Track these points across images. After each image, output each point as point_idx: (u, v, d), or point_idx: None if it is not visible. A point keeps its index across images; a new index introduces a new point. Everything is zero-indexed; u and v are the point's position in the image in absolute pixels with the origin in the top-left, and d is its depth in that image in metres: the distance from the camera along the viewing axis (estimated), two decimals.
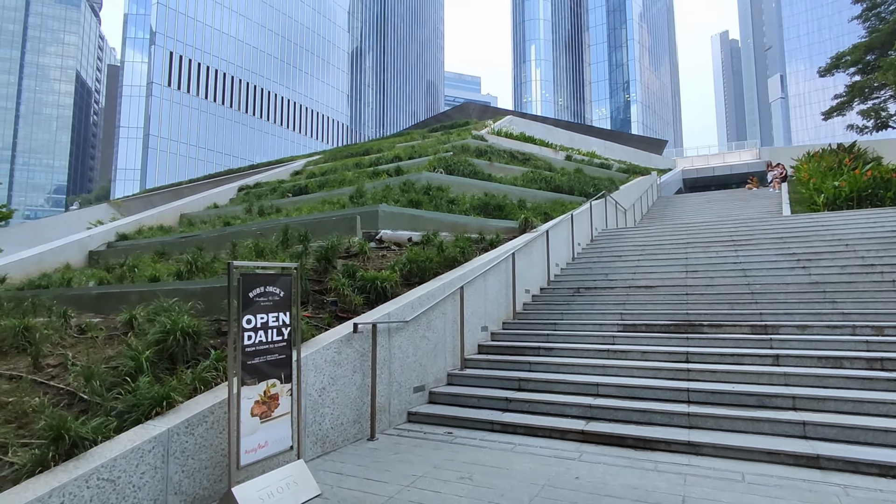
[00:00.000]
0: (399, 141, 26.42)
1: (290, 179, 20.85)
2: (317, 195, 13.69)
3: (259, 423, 3.53)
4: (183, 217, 16.45)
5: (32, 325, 6.87)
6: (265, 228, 9.73)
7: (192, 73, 65.98)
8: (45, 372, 5.60)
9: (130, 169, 64.36)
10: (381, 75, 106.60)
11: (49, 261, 12.00)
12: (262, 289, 3.62)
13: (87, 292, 7.63)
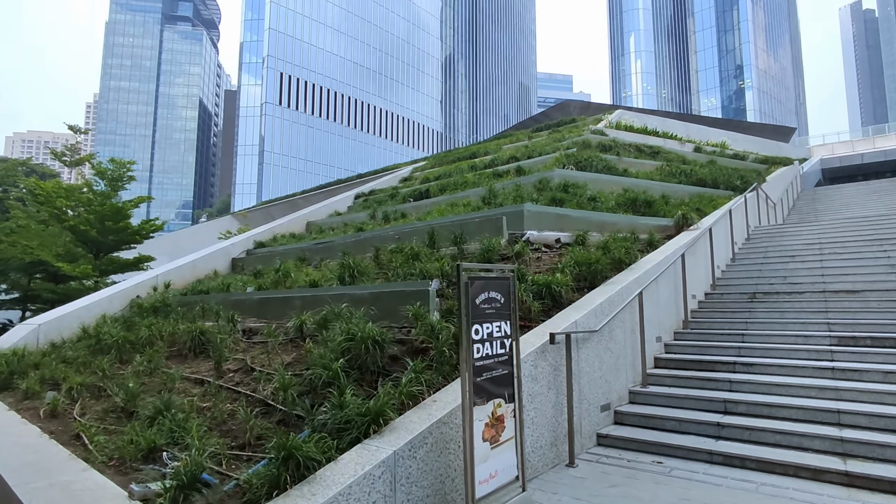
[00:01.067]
0: (504, 142, 25.88)
1: (402, 185, 21.06)
2: (440, 199, 13.51)
3: (489, 449, 3.08)
4: (309, 224, 17.06)
5: (206, 329, 7.17)
6: (403, 232, 9.57)
7: (300, 91, 70.61)
8: (229, 377, 5.69)
9: (248, 183, 70.08)
10: (472, 80, 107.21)
11: (201, 267, 12.85)
12: (485, 294, 3.18)
13: (249, 298, 7.87)
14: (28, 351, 7.94)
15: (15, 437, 4.56)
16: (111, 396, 5.67)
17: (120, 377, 6.28)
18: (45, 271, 19.93)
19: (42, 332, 9.15)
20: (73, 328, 9.67)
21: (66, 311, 9.65)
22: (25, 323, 9.36)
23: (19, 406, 6.11)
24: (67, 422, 5.23)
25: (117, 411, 5.19)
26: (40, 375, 6.81)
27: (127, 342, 7.40)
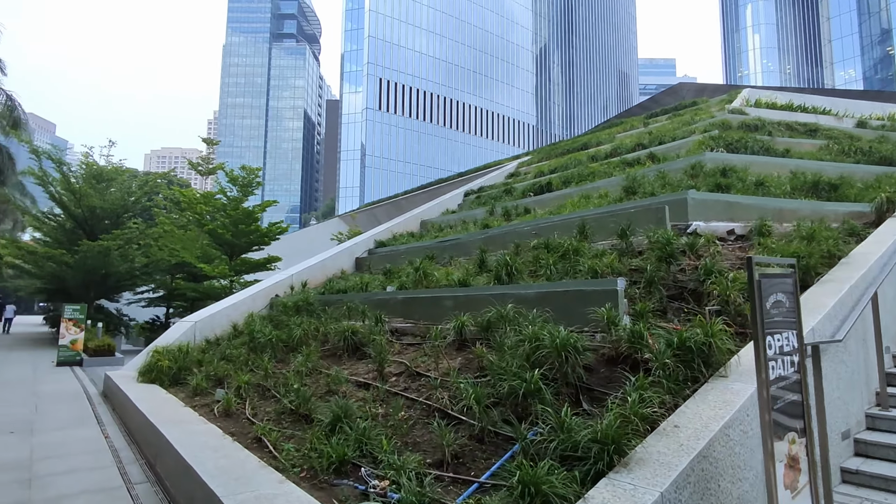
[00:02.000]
0: (616, 131, 24.27)
1: (512, 181, 20.40)
2: (566, 191, 12.67)
3: (790, 498, 2.35)
4: (423, 223, 16.96)
5: (357, 329, 7.06)
6: (540, 227, 8.91)
7: (398, 95, 72.56)
8: (392, 381, 5.43)
9: (350, 187, 73.29)
10: (568, 71, 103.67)
11: (329, 267, 13.14)
12: (774, 297, 2.45)
13: (393, 297, 7.67)
14: (189, 347, 8.38)
15: (202, 438, 4.56)
16: (278, 397, 5.64)
17: (281, 377, 6.30)
18: (186, 272, 21.87)
19: (198, 329, 9.70)
20: (223, 325, 10.19)
21: (217, 309, 10.18)
22: (184, 320, 9.98)
23: (192, 402, 6.33)
24: (241, 422, 5.23)
25: (289, 414, 5.09)
26: (206, 372, 7.08)
27: (280, 341, 7.51)
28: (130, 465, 5.01)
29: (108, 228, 19.68)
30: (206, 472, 3.64)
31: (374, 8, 71.69)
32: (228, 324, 10.27)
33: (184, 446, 4.27)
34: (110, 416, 7.00)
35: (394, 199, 42.33)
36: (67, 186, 18.67)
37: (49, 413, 7.13)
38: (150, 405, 6.01)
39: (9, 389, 8.95)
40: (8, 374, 10.98)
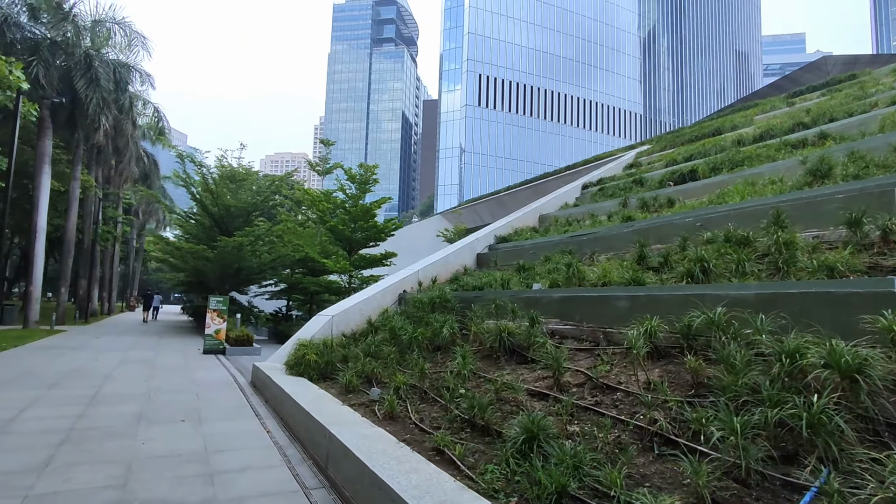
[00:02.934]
0: (753, 113, 21.76)
1: (636, 171, 18.88)
2: (717, 179, 11.22)
3: None
4: (542, 217, 16.20)
5: (512, 329, 6.52)
6: (705, 218, 7.78)
7: (498, 90, 71.88)
8: (573, 392, 4.78)
9: (449, 184, 73.93)
10: (678, 55, 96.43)
11: (452, 263, 12.80)
12: None
13: (546, 296, 7.00)
14: (332, 342, 8.34)
15: (378, 445, 4.21)
16: (442, 402, 5.23)
17: (437, 379, 5.91)
18: (306, 266, 22.90)
19: (335, 324, 9.74)
20: (357, 320, 10.17)
21: (351, 303, 10.18)
22: (321, 315, 10.08)
23: (346, 399, 6.13)
24: (409, 427, 4.85)
25: (461, 422, 4.62)
26: (354, 369, 6.90)
27: (425, 339, 7.18)
28: (299, 465, 4.83)
29: (240, 226, 21.10)
30: (402, 490, 3.21)
31: (473, 4, 71.57)
32: (362, 319, 10.25)
33: (364, 453, 3.92)
34: (264, 409, 7.05)
35: (496, 196, 41.78)
36: (206, 187, 20.25)
37: (209, 401, 7.36)
38: (308, 400, 5.88)
39: (171, 376, 9.55)
40: (166, 360, 11.88)
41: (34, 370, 9.56)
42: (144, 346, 14.67)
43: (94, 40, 20.23)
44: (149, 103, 27.99)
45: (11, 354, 11.68)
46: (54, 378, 8.77)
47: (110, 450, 4.99)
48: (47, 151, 18.87)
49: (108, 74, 19.48)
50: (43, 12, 18.86)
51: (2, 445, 4.98)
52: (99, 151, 26.95)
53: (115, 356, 12.20)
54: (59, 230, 25.95)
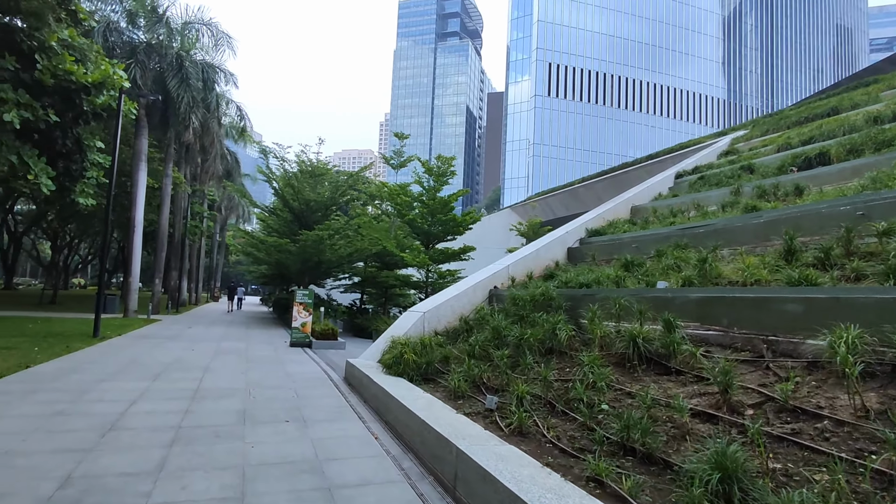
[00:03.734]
0: (878, 89, 19.34)
1: (737, 158, 17.22)
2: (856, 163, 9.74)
3: None
4: (635, 209, 15.09)
5: (647, 334, 5.73)
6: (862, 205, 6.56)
7: (568, 79, 69.47)
8: (751, 415, 3.97)
9: (517, 177, 72.49)
10: (767, 34, 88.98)
11: (543, 257, 12.04)
12: None
13: (681, 295, 6.10)
14: (431, 340, 7.86)
15: (524, 470, 3.61)
16: (574, 416, 4.55)
17: (564, 388, 5.23)
18: (380, 260, 22.86)
19: (426, 320, 9.29)
20: (448, 317, 9.67)
21: (442, 299, 9.69)
22: (412, 311, 9.67)
23: (456, 405, 5.60)
24: (546, 447, 4.21)
25: (611, 445, 3.92)
26: (462, 373, 6.35)
27: (536, 341, 6.51)
28: (420, 482, 4.32)
29: (318, 220, 21.35)
30: None
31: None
32: (454, 316, 9.74)
33: (509, 480, 3.33)
34: (364, 410, 6.68)
35: (570, 188, 40.23)
36: (288, 182, 20.61)
37: (308, 399, 7.09)
38: (418, 407, 5.39)
39: (266, 369, 9.49)
40: (257, 352, 11.97)
41: (138, 359, 9.82)
42: (234, 337, 15.01)
43: (184, 42, 21.08)
44: (231, 102, 29.09)
45: (117, 343, 12.20)
46: (157, 369, 8.91)
47: (221, 453, 4.72)
48: (143, 150, 19.88)
49: (197, 74, 20.23)
50: (139, 17, 19.83)
51: (117, 443, 4.84)
52: (187, 150, 28.34)
53: (209, 346, 12.46)
54: (152, 225, 27.55)
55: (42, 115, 11.15)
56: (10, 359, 8.98)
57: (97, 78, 12.09)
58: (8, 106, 10.45)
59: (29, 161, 11.36)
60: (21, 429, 5.09)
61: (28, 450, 4.52)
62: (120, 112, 13.27)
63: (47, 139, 12.91)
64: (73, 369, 8.38)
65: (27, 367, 8.30)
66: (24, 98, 10.82)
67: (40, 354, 9.65)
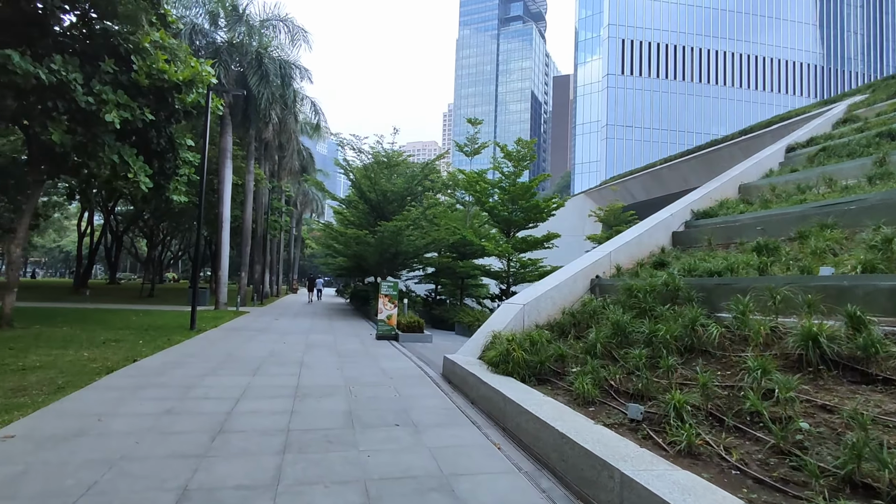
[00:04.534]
0: None
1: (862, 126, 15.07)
2: None
3: None
4: (744, 187, 13.59)
5: (832, 333, 4.72)
6: None
7: (643, 55, 65.56)
8: None
9: (587, 162, 69.64)
10: None
11: (645, 243, 10.96)
12: None
13: (865, 284, 5.00)
14: (542, 336, 7.13)
15: None
16: (750, 432, 3.69)
17: (726, 397, 4.35)
18: (456, 250, 22.34)
19: (526, 313, 8.60)
20: (548, 310, 8.92)
21: (542, 290, 8.93)
22: (510, 302, 8.99)
23: (592, 415, 4.87)
24: (732, 475, 3.39)
25: (830, 477, 3.04)
26: (587, 374, 5.60)
27: (672, 339, 5.63)
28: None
29: (395, 210, 21.15)
30: None
31: None
32: (554, 308, 8.97)
33: None
34: (474, 413, 6.11)
35: (651, 169, 37.82)
36: (365, 173, 20.53)
37: (411, 400, 6.62)
38: (548, 415, 4.70)
39: (360, 365, 9.19)
40: (346, 345, 11.80)
41: (234, 353, 9.85)
42: (321, 330, 15.06)
43: (262, 39, 21.46)
44: (306, 98, 29.57)
45: (212, 336, 12.47)
46: (254, 363, 8.83)
47: (337, 463, 4.29)
48: (228, 147, 20.49)
49: (275, 70, 20.53)
50: (220, 18, 20.35)
51: (229, 448, 4.53)
52: (266, 147, 29.19)
53: (298, 339, 12.47)
54: (236, 220, 28.68)
55: (139, 115, 11.46)
56: (120, 352, 9.25)
57: (187, 76, 12.30)
58: (109, 107, 10.79)
59: (129, 160, 11.76)
60: (134, 429, 4.93)
61: (142, 454, 4.30)
62: (208, 108, 13.50)
63: (143, 139, 13.36)
64: (176, 363, 8.44)
65: (134, 360, 8.45)
66: (123, 98, 11.14)
67: (145, 347, 9.91)
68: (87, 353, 8.98)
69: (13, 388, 6.26)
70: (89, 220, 38.47)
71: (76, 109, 10.87)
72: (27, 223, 12.69)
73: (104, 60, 11.26)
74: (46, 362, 7.95)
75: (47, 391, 6.22)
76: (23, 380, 6.74)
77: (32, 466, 3.94)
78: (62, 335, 11.08)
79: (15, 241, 12.33)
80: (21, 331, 11.51)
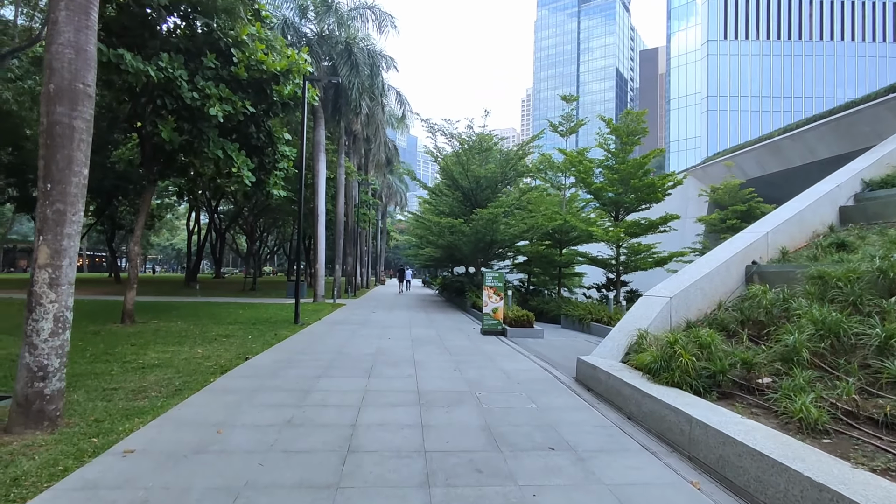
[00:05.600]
0: None
1: None
2: None
3: None
4: None
5: None
6: None
7: (749, 14, 59.09)
8: None
9: (683, 139, 64.33)
10: None
11: (808, 221, 9.13)
12: None
13: None
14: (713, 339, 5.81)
15: None
16: None
17: None
18: (551, 238, 20.91)
19: (673, 308, 7.26)
20: (699, 303, 7.51)
21: (690, 281, 7.52)
22: (652, 295, 7.68)
23: (836, 450, 3.59)
24: None
25: None
26: (802, 389, 4.27)
27: None
28: None
29: (488, 197, 20.16)
30: None
31: None
32: (705, 301, 7.54)
33: None
34: (638, 432, 4.97)
35: (766, 141, 33.74)
36: (456, 159, 19.70)
37: (553, 412, 5.61)
38: (778, 450, 3.48)
39: (476, 365, 8.33)
40: (453, 341, 11.03)
41: (342, 350, 9.39)
42: (421, 323, 14.48)
43: (349, 31, 21.23)
44: (392, 89, 29.29)
45: (317, 330, 12.24)
46: (365, 362, 8.25)
47: (498, 501, 3.37)
48: (321, 141, 20.52)
49: (364, 59, 20.21)
50: (310, 11, 20.32)
51: (364, 476, 3.77)
52: (354, 140, 29.32)
53: (402, 334, 11.91)
54: (328, 214, 29.14)
55: (240, 108, 11.34)
56: (231, 348, 9.09)
57: (284, 65, 12.05)
58: (212, 101, 10.72)
59: (232, 154, 11.72)
60: (255, 445, 4.35)
61: (268, 481, 3.65)
62: (304, 98, 13.24)
63: (244, 135, 13.38)
64: (288, 362, 8.06)
65: (246, 358, 8.17)
66: (225, 92, 11.05)
67: (254, 343, 9.74)
68: (200, 349, 8.89)
69: (134, 390, 6.04)
70: (196, 218, 41.22)
71: (182, 107, 10.92)
72: (142, 223, 13.16)
73: (206, 56, 11.22)
74: (164, 360, 7.85)
75: (165, 393, 5.92)
76: (143, 380, 6.56)
77: (153, 493, 3.40)
78: (177, 330, 11.29)
79: (133, 239, 12.81)
80: (141, 326, 11.91)
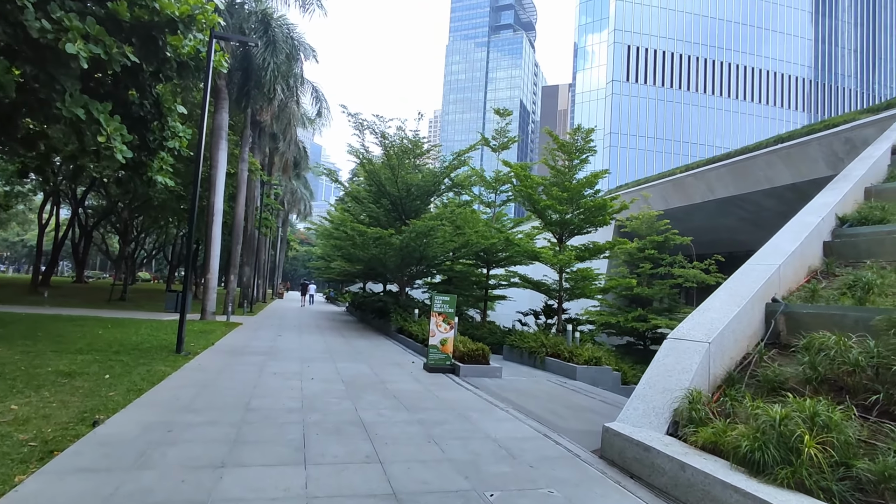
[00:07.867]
0: None
1: None
2: None
3: None
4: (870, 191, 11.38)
5: None
6: None
7: (648, 62, 63.90)
8: None
9: None
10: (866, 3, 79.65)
11: (807, 254, 8.29)
12: None
13: None
14: (810, 409, 4.17)
15: None
16: None
17: None
18: (478, 257, 19.35)
19: (711, 355, 5.67)
20: (731, 349, 6.05)
21: (721, 321, 6.00)
22: (683, 339, 6.02)
23: None
24: None
25: None
26: None
27: None
28: None
29: (418, 208, 18.08)
30: None
31: None
32: (736, 347, 6.10)
33: None
34: None
35: (670, 177, 35.38)
36: (388, 161, 17.39)
37: None
38: None
39: (452, 428, 6.04)
40: (397, 384, 8.62)
41: (252, 404, 6.59)
42: (343, 353, 11.83)
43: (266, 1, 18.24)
44: (308, 82, 26.30)
45: (208, 364, 9.16)
46: (291, 428, 5.59)
47: None
48: (224, 126, 17.16)
49: (284, 37, 17.31)
50: None
51: None
52: (260, 134, 25.79)
53: (326, 371, 9.25)
54: (225, 214, 25.17)
55: (117, 54, 8.17)
56: (73, 400, 5.94)
57: (186, 10, 9.06)
58: (72, 34, 7.49)
59: (99, 117, 8.43)
60: None
61: None
62: (210, 61, 10.27)
63: (121, 100, 10.09)
64: (166, 428, 5.19)
65: (93, 423, 5.14)
66: (95, 29, 7.85)
67: (113, 389, 6.61)
68: (17, 402, 5.67)
69: None
70: (52, 211, 34.21)
71: (25, 39, 7.56)
72: None
73: None
74: None
75: None
76: None
77: None
78: None
79: None
80: None
